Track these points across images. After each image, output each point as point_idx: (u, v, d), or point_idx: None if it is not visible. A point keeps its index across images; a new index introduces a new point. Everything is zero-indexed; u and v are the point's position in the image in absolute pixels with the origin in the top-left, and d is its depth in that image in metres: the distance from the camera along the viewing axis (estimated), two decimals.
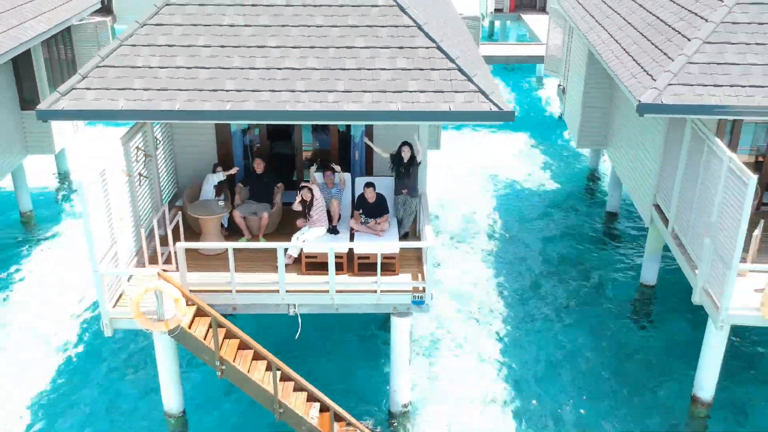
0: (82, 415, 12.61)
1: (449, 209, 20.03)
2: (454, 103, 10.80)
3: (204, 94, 10.83)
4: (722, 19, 11.81)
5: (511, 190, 21.37)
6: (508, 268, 17.18)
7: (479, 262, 17.46)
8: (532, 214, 19.82)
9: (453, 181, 21.66)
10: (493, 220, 19.58)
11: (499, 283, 16.59)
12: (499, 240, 18.48)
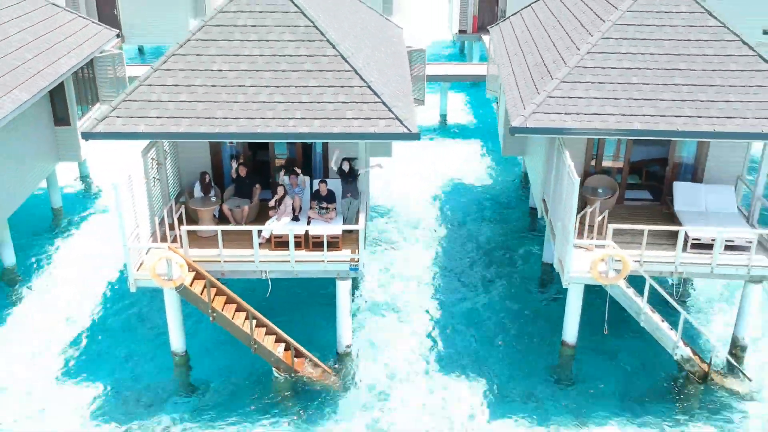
0: (108, 362, 17.16)
1: (406, 203, 24.59)
2: (377, 126, 15.34)
3: (200, 121, 15.36)
4: (576, 64, 16.35)
5: (458, 189, 25.95)
6: (448, 251, 21.75)
7: (425, 245, 22.02)
8: (473, 208, 24.40)
9: (411, 181, 26.23)
10: (441, 212, 24.15)
11: (439, 262, 21.15)
12: (444, 228, 23.04)
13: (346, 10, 21.49)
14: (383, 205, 24.64)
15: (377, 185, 25.80)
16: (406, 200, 24.97)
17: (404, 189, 25.75)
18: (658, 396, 16.10)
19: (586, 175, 18.28)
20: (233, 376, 16.49)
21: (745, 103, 15.64)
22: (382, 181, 26.11)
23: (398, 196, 25.19)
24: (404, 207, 24.53)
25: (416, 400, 15.98)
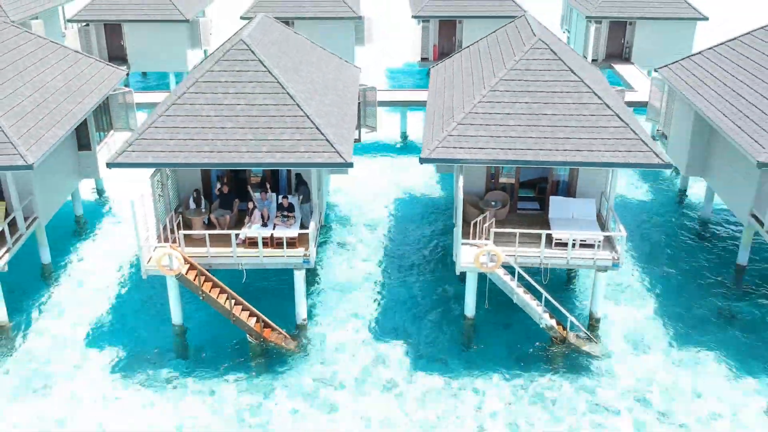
0: (122, 332, 23.09)
1: (366, 210, 30.50)
2: (323, 157, 21.24)
3: (193, 154, 21.26)
4: (469, 110, 22.25)
5: (411, 197, 31.86)
6: (393, 248, 27.65)
7: (377, 244, 27.92)
8: (417, 215, 30.31)
9: (371, 192, 32.16)
10: (393, 217, 30.06)
11: (385, 256, 27.05)
12: (393, 230, 28.96)
13: (309, 59, 27.41)
14: (347, 213, 30.57)
15: (343, 197, 31.75)
16: (366, 208, 30.89)
17: (365, 198, 31.69)
18: (534, 355, 21.99)
19: (486, 191, 24.19)
20: (218, 342, 22.38)
21: (591, 139, 21.54)
22: (347, 193, 32.05)
23: (360, 205, 31.12)
24: (364, 213, 30.46)
25: (355, 360, 21.88)
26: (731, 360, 21.99)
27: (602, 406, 20.25)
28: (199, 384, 20.83)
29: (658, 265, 27.02)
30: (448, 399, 20.41)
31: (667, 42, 43.02)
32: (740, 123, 23.59)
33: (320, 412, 19.90)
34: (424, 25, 43.55)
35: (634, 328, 23.37)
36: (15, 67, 25.53)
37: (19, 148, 21.66)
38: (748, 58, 27.11)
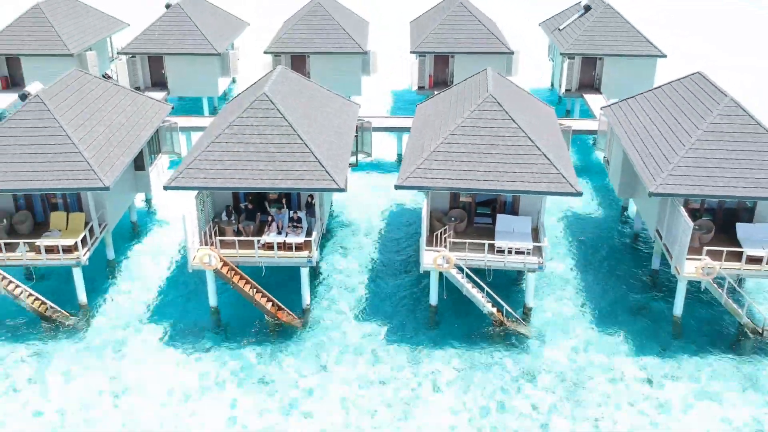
0: (172, 311, 30.92)
1: (365, 220, 38.11)
2: (322, 184, 28.85)
3: (227, 179, 28.98)
4: (433, 149, 29.68)
5: (401, 209, 39.42)
6: (385, 251, 35.21)
7: (372, 248, 35.51)
8: (410, 224, 37.84)
9: (371, 204, 39.73)
10: (387, 226, 37.62)
11: (378, 257, 34.63)
12: (387, 237, 36.53)
13: (317, 102, 35.04)
14: (347, 222, 38.20)
15: (345, 208, 39.40)
16: (363, 217, 38.49)
17: (363, 210, 39.29)
18: (480, 334, 29.42)
19: (450, 209, 31.66)
20: (242, 320, 30.10)
21: (523, 173, 28.91)
22: (349, 205, 39.68)
23: (359, 215, 38.74)
24: (361, 222, 38.07)
25: (345, 335, 29.48)
26: (633, 342, 29.29)
27: (526, 372, 27.67)
28: (229, 350, 28.57)
29: (594, 268, 34.34)
30: (413, 365, 27.94)
31: (631, 76, 50.06)
32: (646, 160, 30.85)
33: (318, 371, 27.55)
34: (421, 59, 50.97)
35: (562, 316, 30.75)
36: (90, 109, 33.46)
37: (98, 174, 29.53)
38: (672, 102, 34.23)
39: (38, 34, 50.56)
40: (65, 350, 28.56)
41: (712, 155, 29.21)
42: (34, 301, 29.88)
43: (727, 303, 28.81)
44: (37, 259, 29.62)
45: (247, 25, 60.05)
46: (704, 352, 28.67)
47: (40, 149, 30.08)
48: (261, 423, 25.19)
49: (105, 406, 25.89)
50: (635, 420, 25.58)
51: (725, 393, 26.69)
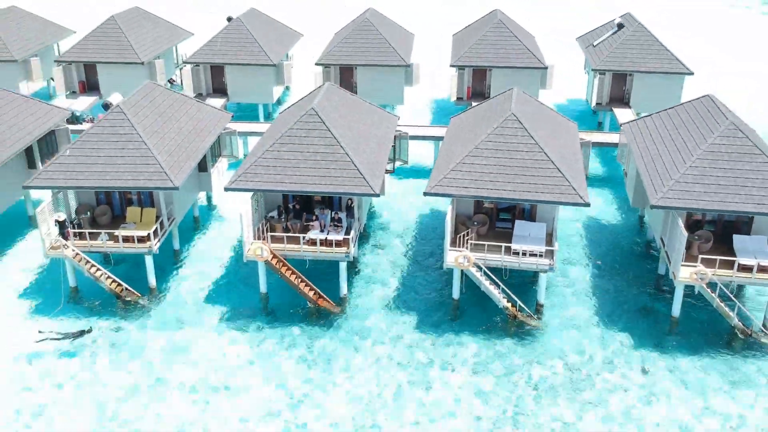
0: (227, 295, 35.80)
1: (399, 220, 42.44)
2: (360, 189, 33.25)
3: (279, 183, 33.62)
4: (459, 161, 33.80)
5: (434, 212, 43.62)
6: (417, 249, 39.50)
7: (404, 246, 39.83)
8: (440, 225, 42.04)
9: (407, 205, 44.05)
10: (419, 227, 41.88)
11: (409, 254, 38.93)
12: (418, 237, 40.80)
13: (359, 114, 39.45)
14: (385, 222, 42.58)
15: (384, 209, 43.78)
16: (399, 219, 42.83)
17: (400, 211, 43.61)
18: (497, 326, 33.45)
19: (474, 213, 35.71)
20: (288, 305, 34.74)
21: (539, 184, 32.80)
22: (387, 207, 44.03)
23: (395, 216, 43.09)
24: (397, 222, 42.41)
25: (377, 322, 33.86)
26: (633, 337, 32.96)
27: (533, 359, 31.62)
28: (276, 331, 33.25)
29: (606, 271, 37.98)
30: (436, 349, 32.16)
31: (659, 91, 53.14)
32: (651, 174, 34.40)
33: (352, 351, 32.00)
34: (460, 72, 54.97)
35: (570, 312, 34.55)
36: (162, 118, 38.57)
37: (169, 175, 34.52)
38: (681, 122, 37.61)
39: (113, 43, 56.29)
40: (136, 325, 33.64)
41: (711, 173, 32.61)
42: (112, 282, 35.06)
43: (719, 306, 32.22)
44: (115, 247, 34.80)
45: (301, 36, 64.92)
46: (697, 349, 32.15)
47: (119, 152, 35.24)
48: (303, 389, 29.76)
49: (170, 373, 30.80)
50: (628, 402, 29.32)
51: (712, 385, 30.17)
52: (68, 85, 56.63)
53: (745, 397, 29.59)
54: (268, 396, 29.62)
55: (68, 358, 31.56)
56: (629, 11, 61.54)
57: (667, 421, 28.48)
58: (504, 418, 28.61)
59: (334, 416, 28.63)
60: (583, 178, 34.69)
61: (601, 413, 28.84)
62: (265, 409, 28.93)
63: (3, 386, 30.03)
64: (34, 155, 41.18)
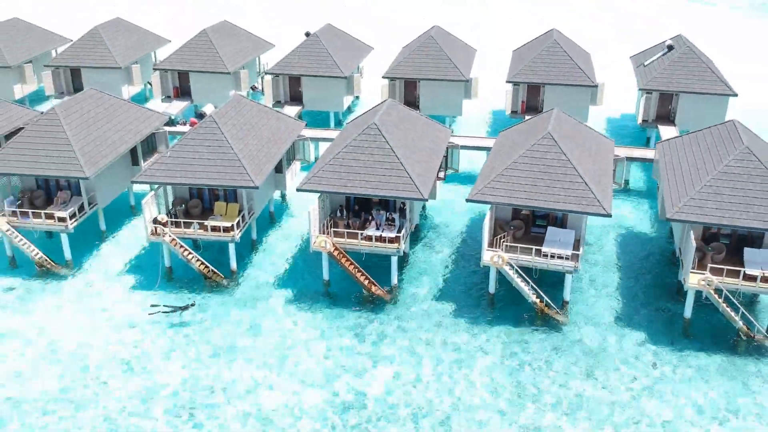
0: (295, 280, 42.09)
1: (450, 222, 47.92)
2: (411, 194, 38.91)
3: (343, 187, 39.61)
4: (499, 172, 39.02)
5: (481, 215, 48.88)
6: (462, 248, 44.91)
7: (450, 244, 45.32)
8: (476, 232, 47.34)
9: (458, 211, 49.48)
10: (467, 229, 47.24)
11: (455, 251, 44.38)
12: (464, 236, 46.18)
13: (415, 128, 45.06)
14: (436, 223, 48.11)
15: (436, 212, 49.31)
16: (448, 221, 48.27)
17: (450, 214, 49.05)
18: (526, 320, 38.52)
19: (512, 219, 40.82)
20: (347, 291, 40.72)
21: (568, 196, 37.68)
22: (439, 210, 49.53)
23: (445, 218, 48.55)
24: (446, 224, 47.87)
25: (422, 309, 39.45)
26: (648, 334, 37.52)
27: (556, 347, 36.59)
28: (334, 312, 39.29)
29: (633, 275, 42.47)
30: (470, 334, 37.53)
31: (704, 111, 56.67)
32: (672, 190, 38.80)
33: (398, 331, 37.70)
34: (515, 88, 59.83)
35: (595, 311, 39.27)
36: (246, 126, 45.17)
37: (251, 176, 40.96)
38: (706, 144, 41.70)
39: (204, 54, 63.61)
40: (219, 302, 40.25)
41: (724, 191, 36.83)
42: (200, 265, 41.77)
43: (724, 311, 36.43)
44: (204, 235, 41.49)
45: (371, 49, 70.97)
46: (705, 348, 36.48)
47: (210, 155, 41.94)
48: (355, 363, 35.64)
49: (244, 341, 37.20)
50: (635, 386, 34.01)
51: (714, 379, 34.51)
52: (164, 90, 64.30)
53: (740, 392, 33.82)
54: (324, 367, 35.63)
55: (167, 327, 38.39)
56: (681, 33, 65.02)
57: (666, 409, 33.04)
58: (529, 395, 33.77)
59: (379, 388, 34.38)
60: (610, 191, 39.35)
61: (609, 397, 33.62)
62: (322, 379, 34.94)
63: (117, 347, 37.07)
64: (138, 154, 48.46)
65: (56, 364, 35.82)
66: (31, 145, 43.54)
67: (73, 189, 44.66)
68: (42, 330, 38.22)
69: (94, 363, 35.84)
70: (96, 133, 45.38)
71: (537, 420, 32.47)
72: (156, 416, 32.74)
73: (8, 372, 35.31)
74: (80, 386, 34.43)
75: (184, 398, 33.72)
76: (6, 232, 42.22)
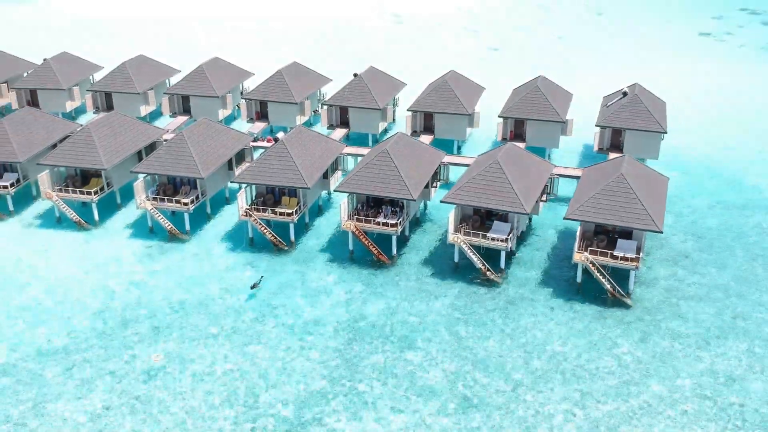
0: (331, 250, 66.14)
1: (443, 216, 71.13)
2: (405, 194, 62.26)
3: (361, 188, 63.27)
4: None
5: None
6: (444, 230, 68.07)
7: (441, 231, 68.51)
8: None
9: (449, 208, 72.62)
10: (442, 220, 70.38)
11: (444, 238, 67.55)
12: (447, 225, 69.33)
13: (419, 153, 68.30)
14: (433, 218, 71.28)
15: (435, 212, 72.59)
16: (441, 214, 71.40)
17: (446, 210, 72.23)
18: (475, 280, 61.29)
19: (474, 214, 63.56)
20: (363, 257, 64.39)
21: (506, 201, 60.32)
22: (439, 211, 72.73)
23: (439, 213, 71.74)
24: (441, 217, 71.00)
25: (413, 268, 62.84)
26: (555, 291, 59.88)
27: (492, 298, 59.32)
28: (354, 269, 63.15)
29: (551, 255, 64.64)
30: (437, 286, 60.62)
31: (643, 143, 77.88)
32: (574, 199, 61.06)
33: (396, 283, 61.11)
34: (505, 121, 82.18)
35: (521, 276, 61.73)
36: (305, 146, 69.32)
37: (306, 180, 65.01)
38: (606, 169, 63.45)
39: (278, 88, 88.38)
40: (280, 261, 64.47)
41: (602, 202, 58.82)
42: (271, 236, 66.05)
43: (598, 278, 58.36)
44: (275, 217, 65.81)
45: (404, 85, 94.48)
46: (587, 300, 58.51)
47: (280, 166, 66.26)
48: (363, 297, 59.20)
49: (295, 283, 61.28)
50: (537, 322, 56.38)
51: (588, 319, 56.58)
52: (249, 113, 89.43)
53: (601, 328, 55.86)
54: (345, 299, 59.26)
55: (250, 268, 62.90)
56: (637, 82, 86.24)
57: (556, 337, 55.35)
58: (465, 321, 56.66)
59: (374, 312, 57.80)
60: (535, 197, 61.74)
61: (518, 327, 56.14)
62: (344, 305, 58.58)
63: (225, 282, 61.86)
64: (233, 163, 73.30)
65: (186, 291, 60.60)
66: (165, 155, 68.84)
67: (192, 184, 69.76)
68: (168, 271, 63.21)
69: (210, 291, 60.49)
70: (207, 148, 70.43)
71: (470, 333, 55.24)
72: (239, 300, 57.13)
73: (175, 282, 60.27)
74: (205, 298, 59.17)
75: (265, 298, 58.03)
76: (150, 210, 67.60)
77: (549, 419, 46.97)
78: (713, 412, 47.32)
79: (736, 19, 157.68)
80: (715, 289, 60.22)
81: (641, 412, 47.41)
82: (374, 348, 53.62)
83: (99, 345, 54.06)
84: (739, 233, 69.10)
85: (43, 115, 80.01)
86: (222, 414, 47.43)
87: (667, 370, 51.09)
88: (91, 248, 67.21)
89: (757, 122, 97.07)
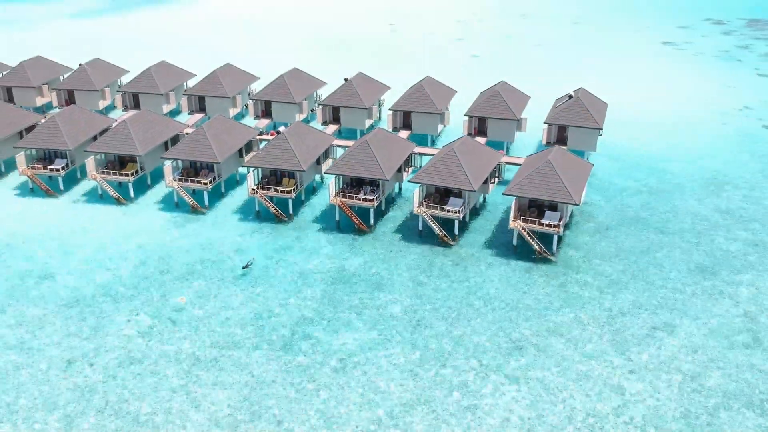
0: (322, 219, 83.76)
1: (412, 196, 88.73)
2: (379, 174, 79.79)
3: (345, 171, 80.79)
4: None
5: None
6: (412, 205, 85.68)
7: (409, 205, 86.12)
8: None
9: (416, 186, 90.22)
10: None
11: (411, 209, 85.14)
12: None
13: (392, 142, 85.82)
14: (407, 197, 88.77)
15: (409, 192, 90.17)
16: (411, 193, 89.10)
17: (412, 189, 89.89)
18: (436, 243, 78.75)
19: (435, 192, 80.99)
20: (348, 226, 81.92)
21: (460, 181, 77.83)
22: (411, 191, 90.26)
23: (410, 191, 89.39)
24: (410, 198, 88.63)
25: (389, 236, 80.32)
26: (495, 252, 77.54)
27: (447, 256, 76.78)
28: (340, 236, 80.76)
29: (495, 224, 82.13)
30: (402, 248, 78.09)
31: (583, 138, 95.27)
32: (513, 180, 78.58)
33: (374, 244, 78.61)
34: (470, 119, 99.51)
35: (471, 240, 79.14)
36: (302, 137, 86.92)
37: (302, 164, 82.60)
38: (539, 157, 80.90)
39: (280, 90, 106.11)
40: (281, 228, 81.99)
41: (533, 181, 76.26)
42: (274, 209, 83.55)
43: (527, 240, 75.76)
44: (277, 194, 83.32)
45: (389, 88, 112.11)
46: (520, 258, 75.82)
47: (280, 153, 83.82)
48: (346, 255, 76.69)
49: (293, 247, 78.78)
50: (477, 273, 73.83)
51: (518, 275, 73.94)
52: (255, 112, 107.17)
53: (527, 279, 73.26)
54: (331, 257, 76.71)
55: (258, 233, 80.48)
56: (583, 86, 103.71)
57: (483, 287, 72.76)
58: (422, 274, 74.13)
59: (355, 265, 75.27)
60: (483, 178, 79.16)
61: (455, 278, 73.53)
62: (332, 260, 76.01)
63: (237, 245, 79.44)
64: (243, 151, 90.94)
65: (205, 250, 78.09)
66: (189, 144, 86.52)
67: (209, 168, 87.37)
68: (191, 236, 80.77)
69: (224, 251, 78.01)
70: (222, 139, 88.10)
71: (427, 281, 72.60)
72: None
73: (197, 244, 77.76)
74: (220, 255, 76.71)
75: (271, 255, 75.47)
76: (176, 188, 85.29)
77: (480, 335, 64.25)
78: (604, 330, 64.69)
79: (700, 28, 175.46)
80: (625, 252, 77.53)
81: (552, 330, 64.71)
82: (352, 290, 71.03)
83: (141, 286, 71.60)
84: (654, 211, 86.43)
85: (86, 112, 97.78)
86: (237, 332, 64.86)
87: (574, 306, 68.42)
88: (128, 219, 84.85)
89: (689, 120, 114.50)
